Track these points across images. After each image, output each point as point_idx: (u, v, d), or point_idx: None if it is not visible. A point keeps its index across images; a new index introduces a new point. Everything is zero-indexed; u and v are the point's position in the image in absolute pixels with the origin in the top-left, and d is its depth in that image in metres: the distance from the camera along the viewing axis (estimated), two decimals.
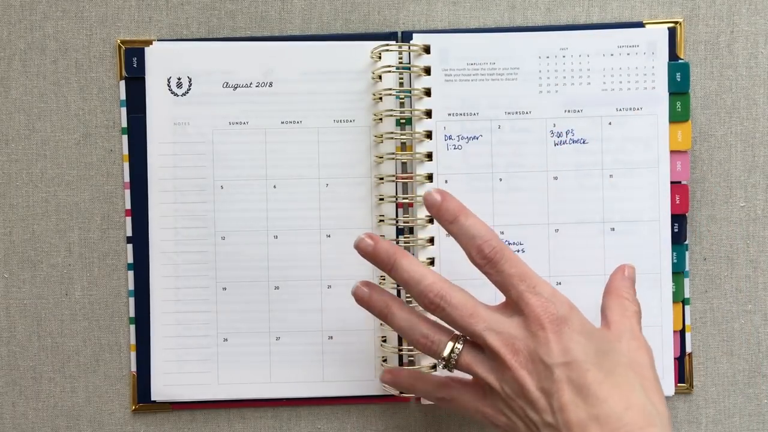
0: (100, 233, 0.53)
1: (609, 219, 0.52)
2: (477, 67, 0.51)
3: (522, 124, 0.52)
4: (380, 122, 0.52)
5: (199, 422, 0.53)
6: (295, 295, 0.52)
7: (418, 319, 0.44)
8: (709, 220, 0.53)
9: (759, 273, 0.53)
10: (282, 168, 0.52)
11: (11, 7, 0.53)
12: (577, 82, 0.52)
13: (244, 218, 0.52)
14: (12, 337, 0.53)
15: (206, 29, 0.53)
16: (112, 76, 0.53)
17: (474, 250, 0.43)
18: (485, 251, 0.43)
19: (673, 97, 0.52)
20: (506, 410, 0.42)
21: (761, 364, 0.53)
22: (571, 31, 0.52)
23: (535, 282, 0.42)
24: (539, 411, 0.41)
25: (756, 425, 0.53)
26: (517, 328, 0.42)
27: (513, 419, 0.42)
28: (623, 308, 0.45)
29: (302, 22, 0.53)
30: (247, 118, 0.52)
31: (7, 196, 0.53)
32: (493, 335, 0.42)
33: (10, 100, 0.53)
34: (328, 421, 0.53)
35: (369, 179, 0.52)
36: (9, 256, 0.53)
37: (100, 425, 0.53)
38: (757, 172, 0.53)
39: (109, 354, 0.53)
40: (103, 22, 0.53)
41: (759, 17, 0.53)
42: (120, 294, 0.53)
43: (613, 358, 0.41)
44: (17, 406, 0.53)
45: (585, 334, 0.42)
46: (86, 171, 0.53)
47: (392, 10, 0.53)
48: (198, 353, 0.52)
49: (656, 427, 0.39)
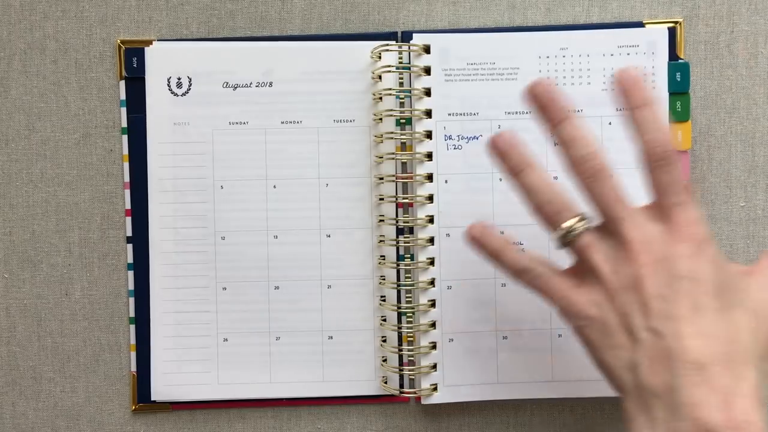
0: (100, 233, 0.53)
1: None
2: (477, 67, 0.51)
3: (522, 124, 0.52)
4: (380, 122, 0.52)
5: (199, 422, 0.53)
6: (295, 295, 0.52)
7: (556, 186, 0.42)
8: (709, 220, 0.53)
9: None
10: (282, 168, 0.52)
11: (11, 7, 0.53)
12: (577, 82, 0.52)
13: (244, 218, 0.52)
14: (12, 337, 0.53)
15: (206, 29, 0.53)
16: (112, 76, 0.53)
17: (657, 144, 0.40)
18: (668, 149, 0.40)
19: (673, 97, 0.52)
20: (604, 303, 0.40)
21: None
22: (571, 31, 0.52)
23: (690, 200, 0.41)
24: (649, 314, 0.39)
25: None
26: (658, 233, 0.40)
27: (608, 314, 0.40)
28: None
29: (302, 22, 0.53)
30: (247, 118, 0.52)
31: (7, 196, 0.53)
32: (632, 225, 0.40)
33: (10, 100, 0.53)
34: (328, 421, 0.53)
35: (369, 179, 0.52)
36: (9, 256, 0.53)
37: (100, 425, 0.53)
38: (757, 172, 0.53)
39: (109, 354, 0.53)
40: (103, 22, 0.53)
41: (759, 17, 0.53)
42: (120, 294, 0.53)
43: (737, 297, 0.40)
44: (17, 406, 0.53)
45: (718, 265, 0.40)
46: (86, 171, 0.53)
47: (392, 10, 0.53)
48: (198, 353, 0.52)
49: (756, 369, 0.39)
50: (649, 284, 0.39)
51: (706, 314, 0.39)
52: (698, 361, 0.37)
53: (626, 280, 0.39)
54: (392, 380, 0.52)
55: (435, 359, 0.52)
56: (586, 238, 0.41)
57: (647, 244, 0.40)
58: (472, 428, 0.53)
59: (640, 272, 0.39)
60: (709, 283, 0.39)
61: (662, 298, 0.39)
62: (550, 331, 0.52)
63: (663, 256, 0.39)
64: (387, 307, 0.52)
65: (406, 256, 0.52)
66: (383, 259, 0.52)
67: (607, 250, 0.40)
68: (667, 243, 0.40)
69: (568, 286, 0.41)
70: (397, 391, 0.52)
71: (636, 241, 0.40)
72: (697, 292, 0.39)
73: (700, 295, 0.39)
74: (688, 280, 0.39)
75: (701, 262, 0.39)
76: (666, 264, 0.39)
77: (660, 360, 0.38)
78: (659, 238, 0.40)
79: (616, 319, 0.40)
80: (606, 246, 0.41)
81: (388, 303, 0.52)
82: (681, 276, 0.39)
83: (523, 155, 0.42)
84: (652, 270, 0.39)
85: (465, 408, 0.53)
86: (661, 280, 0.39)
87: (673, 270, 0.39)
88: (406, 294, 0.52)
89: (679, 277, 0.39)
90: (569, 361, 0.51)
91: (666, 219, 0.40)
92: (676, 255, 0.39)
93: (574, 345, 0.51)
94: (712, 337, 0.38)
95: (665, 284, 0.39)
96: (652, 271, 0.39)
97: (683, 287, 0.39)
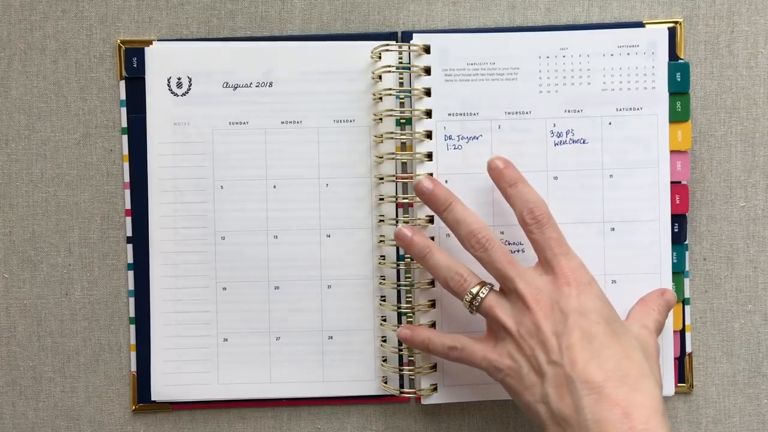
0: (100, 233, 0.53)
1: (609, 219, 0.52)
2: (477, 67, 0.51)
3: (522, 124, 0.52)
4: (380, 122, 0.52)
5: (199, 422, 0.53)
6: (295, 295, 0.52)
7: (455, 261, 0.48)
8: (709, 220, 0.53)
9: (759, 273, 0.53)
10: (282, 168, 0.52)
11: (11, 7, 0.53)
12: (577, 82, 0.52)
13: (244, 218, 0.52)
14: (12, 337, 0.53)
15: (206, 29, 0.53)
16: (112, 76, 0.53)
17: (526, 211, 0.47)
18: (536, 213, 0.47)
19: (673, 97, 0.52)
20: (515, 352, 0.46)
21: (761, 364, 0.53)
22: (571, 31, 0.52)
23: (569, 250, 0.47)
24: (548, 350, 0.44)
25: (756, 425, 0.53)
26: (546, 283, 0.46)
27: (519, 361, 0.45)
28: (645, 312, 0.50)
29: (302, 22, 0.53)
30: (247, 118, 0.52)
31: (7, 196, 0.53)
32: (523, 282, 0.46)
33: (10, 100, 0.53)
34: (328, 421, 0.53)
35: (369, 179, 0.52)
36: (9, 256, 0.53)
37: (100, 425, 0.53)
38: (757, 172, 0.53)
39: (109, 354, 0.53)
40: (103, 22, 0.53)
41: (759, 17, 0.53)
42: (120, 294, 0.53)
43: (622, 327, 0.46)
44: (17, 406, 0.53)
45: (603, 300, 0.46)
46: (86, 171, 0.53)
47: (392, 10, 0.53)
48: (198, 353, 0.52)
49: (650, 380, 0.43)
50: (546, 326, 0.45)
51: (596, 340, 0.44)
52: (593, 380, 0.42)
53: (528, 328, 0.45)
54: (392, 380, 0.52)
55: (435, 359, 0.52)
56: (489, 300, 0.47)
57: (539, 294, 0.46)
58: (472, 428, 0.53)
59: (537, 318, 0.45)
60: (596, 314, 0.45)
61: (557, 334, 0.45)
62: None
63: (554, 301, 0.45)
64: (387, 307, 0.52)
65: (406, 256, 0.52)
66: (383, 259, 0.52)
67: (509, 308, 0.47)
68: (555, 289, 0.46)
69: (487, 348, 0.47)
70: (397, 391, 0.52)
71: (529, 294, 0.46)
72: (587, 322, 0.44)
73: (590, 324, 0.44)
74: (576, 314, 0.45)
75: (587, 298, 0.45)
76: (557, 306, 0.45)
77: (563, 387, 0.43)
78: (548, 287, 0.46)
79: (526, 363, 0.45)
80: (507, 304, 0.47)
81: (388, 303, 0.52)
82: (570, 312, 0.45)
83: (423, 240, 0.49)
84: (546, 314, 0.45)
85: (465, 408, 0.53)
86: (555, 320, 0.45)
87: (564, 309, 0.45)
88: (406, 294, 0.52)
89: (569, 313, 0.45)
90: None
91: (551, 270, 0.46)
92: (563, 297, 0.45)
93: None
94: (605, 357, 0.43)
95: (559, 322, 0.45)
96: (547, 315, 0.45)
97: (573, 321, 0.44)
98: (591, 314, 0.45)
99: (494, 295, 0.47)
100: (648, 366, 0.44)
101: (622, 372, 0.43)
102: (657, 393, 0.43)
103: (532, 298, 0.46)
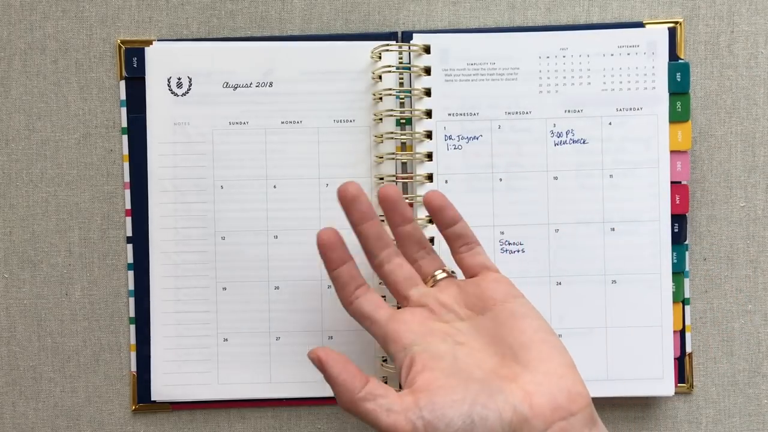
0: (100, 233, 0.53)
1: (609, 219, 0.52)
2: (477, 67, 0.51)
3: (522, 124, 0.52)
4: (380, 122, 0.52)
5: (199, 422, 0.53)
6: (295, 295, 0.52)
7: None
8: (709, 220, 0.53)
9: (759, 273, 0.53)
10: (282, 168, 0.52)
11: (11, 7, 0.53)
12: (577, 82, 0.52)
13: (244, 218, 0.52)
14: (12, 337, 0.53)
15: (206, 29, 0.53)
16: (112, 76, 0.53)
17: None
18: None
19: (673, 97, 0.52)
20: None
21: (761, 364, 0.53)
22: (571, 31, 0.52)
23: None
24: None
25: (756, 425, 0.53)
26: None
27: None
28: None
29: (302, 22, 0.53)
30: (247, 118, 0.52)
31: (7, 196, 0.53)
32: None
33: (10, 100, 0.53)
34: (328, 421, 0.53)
35: (369, 179, 0.52)
36: (9, 256, 0.53)
37: (100, 425, 0.53)
38: (757, 172, 0.53)
39: (109, 354, 0.53)
40: (103, 22, 0.53)
41: (759, 17, 0.53)
42: (120, 294, 0.53)
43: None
44: (17, 406, 0.53)
45: None
46: (86, 171, 0.53)
47: (392, 10, 0.53)
48: (198, 353, 0.52)
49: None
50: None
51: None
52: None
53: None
54: (392, 380, 0.52)
55: None
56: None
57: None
58: None
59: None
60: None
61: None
62: None
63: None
64: None
65: None
66: None
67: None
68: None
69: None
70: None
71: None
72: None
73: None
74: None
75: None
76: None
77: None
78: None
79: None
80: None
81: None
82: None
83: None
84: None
85: None
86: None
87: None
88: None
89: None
90: None
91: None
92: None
93: (574, 345, 0.51)
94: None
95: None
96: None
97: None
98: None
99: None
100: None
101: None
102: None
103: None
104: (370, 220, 0.45)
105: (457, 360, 0.41)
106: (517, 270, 0.51)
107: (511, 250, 0.51)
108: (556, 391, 0.39)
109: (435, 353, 0.42)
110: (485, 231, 0.51)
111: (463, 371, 0.41)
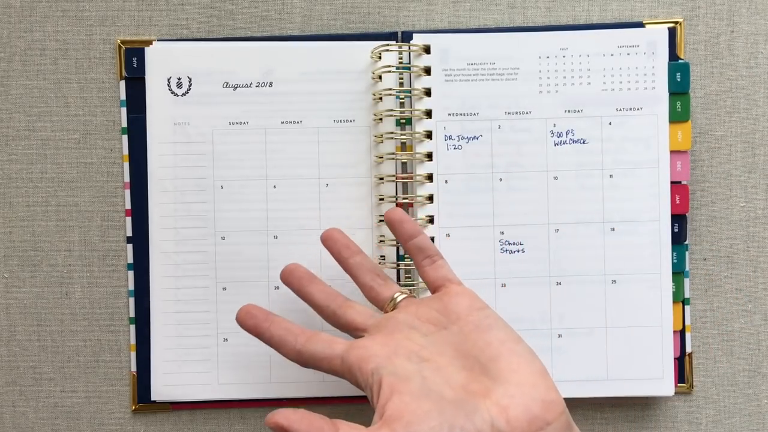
0: (100, 233, 0.53)
1: (609, 219, 0.52)
2: (477, 67, 0.51)
3: (522, 124, 0.52)
4: (380, 122, 0.52)
5: (199, 422, 0.53)
6: (295, 295, 0.52)
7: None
8: (709, 220, 0.53)
9: (759, 273, 0.53)
10: (282, 168, 0.52)
11: (11, 7, 0.53)
12: (577, 82, 0.52)
13: (244, 218, 0.52)
14: (12, 337, 0.53)
15: (206, 29, 0.53)
16: (112, 76, 0.53)
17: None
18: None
19: (673, 97, 0.52)
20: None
21: (761, 364, 0.53)
22: (571, 31, 0.52)
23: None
24: None
25: (756, 425, 0.53)
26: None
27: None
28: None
29: (302, 22, 0.53)
30: (247, 118, 0.52)
31: (7, 196, 0.53)
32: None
33: (10, 100, 0.53)
34: None
35: (369, 179, 0.52)
36: (9, 256, 0.53)
37: (100, 425, 0.53)
38: (757, 172, 0.53)
39: (109, 354, 0.53)
40: (103, 22, 0.53)
41: (759, 17, 0.53)
42: (120, 294, 0.53)
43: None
44: (17, 406, 0.53)
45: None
46: (86, 171, 0.53)
47: (392, 10, 0.53)
48: (198, 353, 0.52)
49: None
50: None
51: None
52: None
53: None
54: None
55: None
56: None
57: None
58: None
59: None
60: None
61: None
62: (550, 331, 0.52)
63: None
64: None
65: (406, 256, 0.52)
66: (383, 259, 0.52)
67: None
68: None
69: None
70: None
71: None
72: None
73: None
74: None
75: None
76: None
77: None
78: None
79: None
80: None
81: None
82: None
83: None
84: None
85: None
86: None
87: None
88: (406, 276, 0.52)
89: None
90: (569, 361, 0.51)
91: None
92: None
93: (574, 345, 0.52)
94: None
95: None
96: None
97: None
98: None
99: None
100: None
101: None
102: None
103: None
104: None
105: (425, 380, 0.40)
106: (517, 270, 0.51)
107: (511, 250, 0.51)
108: (530, 402, 0.39)
109: (402, 375, 0.40)
110: (485, 231, 0.51)
111: (433, 392, 0.40)
